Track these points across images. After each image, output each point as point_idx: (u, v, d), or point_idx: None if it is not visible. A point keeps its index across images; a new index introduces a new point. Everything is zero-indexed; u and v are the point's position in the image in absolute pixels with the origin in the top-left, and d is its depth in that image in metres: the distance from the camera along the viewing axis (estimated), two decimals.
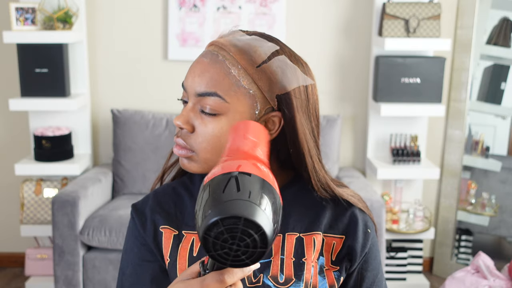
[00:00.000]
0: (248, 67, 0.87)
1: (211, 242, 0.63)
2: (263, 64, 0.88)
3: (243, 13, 2.98)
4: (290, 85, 0.89)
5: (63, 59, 2.78)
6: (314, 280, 0.92)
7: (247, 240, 0.63)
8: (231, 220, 0.62)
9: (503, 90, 3.07)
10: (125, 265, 0.98)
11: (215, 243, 0.63)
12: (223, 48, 0.89)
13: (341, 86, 3.08)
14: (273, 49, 0.89)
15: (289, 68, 0.89)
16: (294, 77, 0.90)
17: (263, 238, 0.63)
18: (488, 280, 2.37)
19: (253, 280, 0.91)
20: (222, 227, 0.62)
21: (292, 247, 0.93)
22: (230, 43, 0.89)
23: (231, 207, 0.62)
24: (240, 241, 0.63)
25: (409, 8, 2.76)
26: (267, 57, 0.88)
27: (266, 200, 0.65)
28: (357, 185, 2.74)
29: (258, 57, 0.88)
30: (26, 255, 2.92)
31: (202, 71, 0.89)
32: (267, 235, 0.63)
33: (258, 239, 0.63)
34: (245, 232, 0.63)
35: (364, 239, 0.96)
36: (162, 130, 2.92)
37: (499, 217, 3.10)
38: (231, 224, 0.62)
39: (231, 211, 0.62)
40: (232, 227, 0.62)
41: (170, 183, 1.03)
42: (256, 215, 0.63)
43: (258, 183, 0.66)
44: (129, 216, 2.71)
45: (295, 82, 0.89)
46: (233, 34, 0.93)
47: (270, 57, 0.88)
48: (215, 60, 0.88)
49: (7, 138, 3.14)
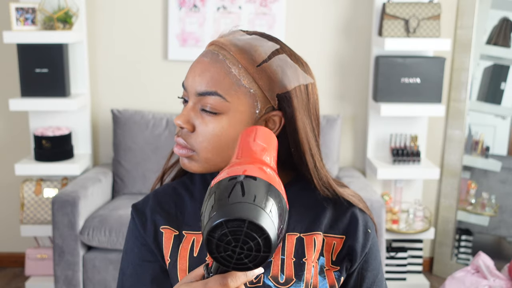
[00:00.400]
0: (249, 66, 0.87)
1: (214, 243, 0.63)
2: (263, 63, 0.88)
3: (243, 13, 2.98)
4: (290, 84, 0.89)
5: (63, 59, 2.78)
6: (314, 280, 0.92)
7: (251, 243, 0.63)
8: (235, 222, 0.62)
9: (503, 90, 3.07)
10: (125, 265, 0.98)
11: (218, 245, 0.63)
12: (224, 48, 0.89)
13: (341, 86, 3.08)
14: (273, 48, 0.89)
15: (289, 67, 0.89)
16: (295, 76, 0.90)
17: (267, 242, 0.63)
18: (488, 280, 2.37)
19: (254, 281, 0.91)
20: (226, 229, 0.62)
21: (293, 247, 0.93)
22: (231, 42, 0.89)
23: (236, 210, 0.62)
24: (244, 244, 0.63)
25: (409, 8, 2.76)
26: (267, 56, 0.88)
27: (271, 203, 0.65)
28: (357, 185, 2.74)
29: (258, 56, 0.88)
30: (26, 255, 2.92)
31: (202, 70, 0.89)
32: (271, 239, 0.63)
33: (262, 243, 0.63)
34: (249, 235, 0.62)
35: (365, 239, 0.96)
36: (162, 130, 2.92)
37: (499, 217, 3.10)
38: (235, 227, 0.62)
39: (236, 214, 0.62)
40: (236, 229, 0.62)
41: (171, 183, 1.03)
42: (261, 218, 0.62)
43: (263, 187, 0.66)
44: (129, 216, 2.72)
45: (295, 81, 0.89)
46: (234, 33, 0.93)
47: (270, 56, 0.88)
48: (215, 59, 0.88)
49: (7, 138, 3.14)
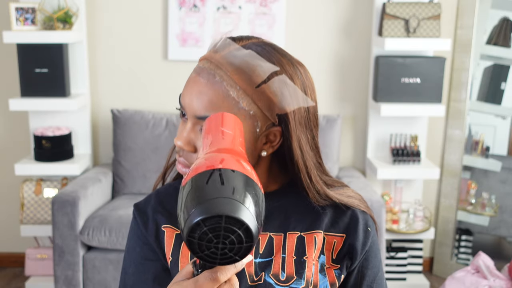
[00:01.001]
0: (247, 88, 0.85)
1: (196, 244, 0.63)
2: (262, 84, 0.86)
3: (243, 13, 2.98)
4: (289, 106, 0.87)
5: (63, 59, 2.78)
6: (315, 278, 0.93)
7: (232, 236, 0.63)
8: (213, 219, 0.62)
9: (503, 90, 3.07)
10: (127, 264, 0.98)
11: (200, 244, 0.63)
12: (220, 67, 0.86)
13: (341, 86, 3.08)
14: (272, 69, 0.87)
15: (288, 89, 0.87)
16: (294, 98, 0.88)
17: (248, 232, 0.63)
18: (488, 280, 2.37)
19: (255, 279, 0.92)
20: (205, 228, 0.62)
21: (293, 245, 0.93)
22: (227, 61, 0.86)
23: (211, 207, 0.62)
24: (225, 239, 0.63)
25: (409, 8, 2.76)
26: (266, 77, 0.86)
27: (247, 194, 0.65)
28: (357, 185, 2.74)
29: (257, 77, 0.85)
30: (26, 255, 2.92)
31: (199, 92, 0.86)
32: (251, 229, 0.63)
33: (243, 235, 0.63)
34: (229, 229, 0.63)
35: (365, 238, 0.96)
36: (162, 130, 2.92)
37: (499, 217, 3.10)
38: (214, 224, 0.62)
39: (211, 211, 0.62)
40: (215, 226, 0.62)
41: (172, 183, 1.03)
42: (236, 210, 0.62)
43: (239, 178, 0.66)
44: (129, 216, 2.72)
45: (295, 103, 0.88)
46: (228, 47, 0.89)
47: (269, 77, 0.86)
48: (212, 81, 0.86)
49: (7, 138, 3.14)
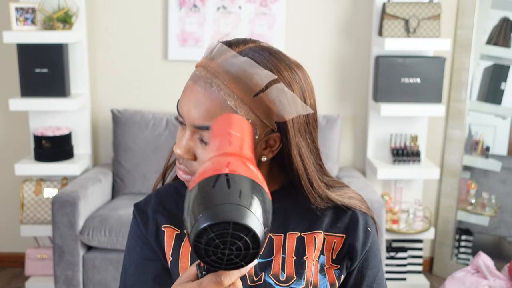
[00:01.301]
0: (245, 97, 0.84)
1: (202, 249, 0.63)
2: (260, 93, 0.85)
3: (243, 13, 2.98)
4: (288, 115, 0.87)
5: (63, 59, 2.78)
6: (315, 278, 0.93)
7: (238, 243, 0.63)
8: (220, 225, 0.62)
9: (503, 90, 3.07)
10: (127, 264, 0.98)
11: (207, 249, 0.63)
12: (216, 76, 0.86)
13: (341, 86, 3.08)
14: (269, 77, 0.85)
15: (287, 97, 0.86)
16: (293, 106, 0.87)
17: (255, 239, 0.63)
18: (488, 280, 2.37)
19: (255, 279, 0.92)
20: (212, 233, 0.62)
21: (293, 246, 0.93)
22: (223, 69, 0.85)
23: (218, 212, 0.62)
24: (232, 245, 0.63)
25: (409, 8, 2.76)
26: (264, 86, 0.85)
27: (252, 198, 0.65)
28: (357, 185, 2.74)
29: (254, 85, 0.84)
30: (26, 255, 2.92)
31: (197, 102, 0.86)
32: (258, 236, 0.63)
33: (250, 241, 0.63)
34: (236, 236, 0.62)
35: (365, 238, 0.96)
36: (162, 130, 2.92)
37: (499, 217, 3.10)
38: (221, 230, 0.62)
39: (219, 217, 0.62)
40: (222, 232, 0.62)
41: (172, 183, 1.03)
42: (244, 217, 0.62)
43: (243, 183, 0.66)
44: (129, 216, 2.72)
45: (293, 112, 0.87)
46: (225, 54, 0.87)
47: (267, 86, 0.85)
48: (209, 90, 0.85)
49: (7, 138, 3.14)
